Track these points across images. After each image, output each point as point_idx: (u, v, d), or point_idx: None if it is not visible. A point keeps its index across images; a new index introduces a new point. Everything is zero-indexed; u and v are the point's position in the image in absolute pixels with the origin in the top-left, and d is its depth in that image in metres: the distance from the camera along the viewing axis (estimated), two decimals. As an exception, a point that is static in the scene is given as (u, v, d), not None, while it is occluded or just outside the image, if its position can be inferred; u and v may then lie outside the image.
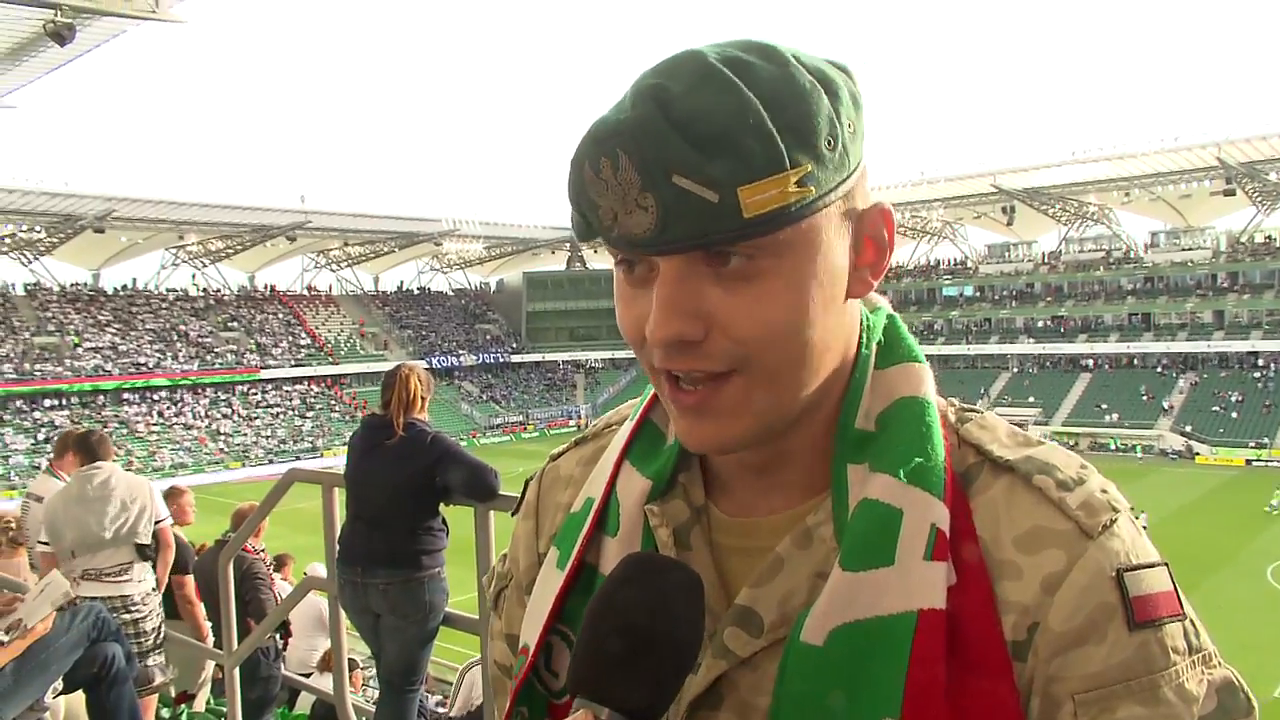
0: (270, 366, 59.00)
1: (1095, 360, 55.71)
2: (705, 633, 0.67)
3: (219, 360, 57.43)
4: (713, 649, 0.71)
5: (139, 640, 4.24)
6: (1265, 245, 53.81)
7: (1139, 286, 56.72)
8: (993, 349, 59.34)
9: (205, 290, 63.68)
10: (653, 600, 0.63)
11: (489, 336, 73.06)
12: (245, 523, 4.60)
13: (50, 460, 5.46)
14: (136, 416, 51.59)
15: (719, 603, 0.73)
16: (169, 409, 53.36)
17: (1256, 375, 49.12)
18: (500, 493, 3.18)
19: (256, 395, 57.83)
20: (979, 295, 63.33)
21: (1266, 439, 43.68)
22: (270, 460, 49.85)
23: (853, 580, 0.65)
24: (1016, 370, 58.28)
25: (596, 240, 0.66)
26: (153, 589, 4.46)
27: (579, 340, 71.76)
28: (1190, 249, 55.92)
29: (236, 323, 61.49)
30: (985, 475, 0.70)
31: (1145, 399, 50.52)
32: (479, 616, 3.16)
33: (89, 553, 4.24)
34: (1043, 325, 58.78)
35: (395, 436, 3.46)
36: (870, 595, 0.65)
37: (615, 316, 0.69)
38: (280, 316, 64.42)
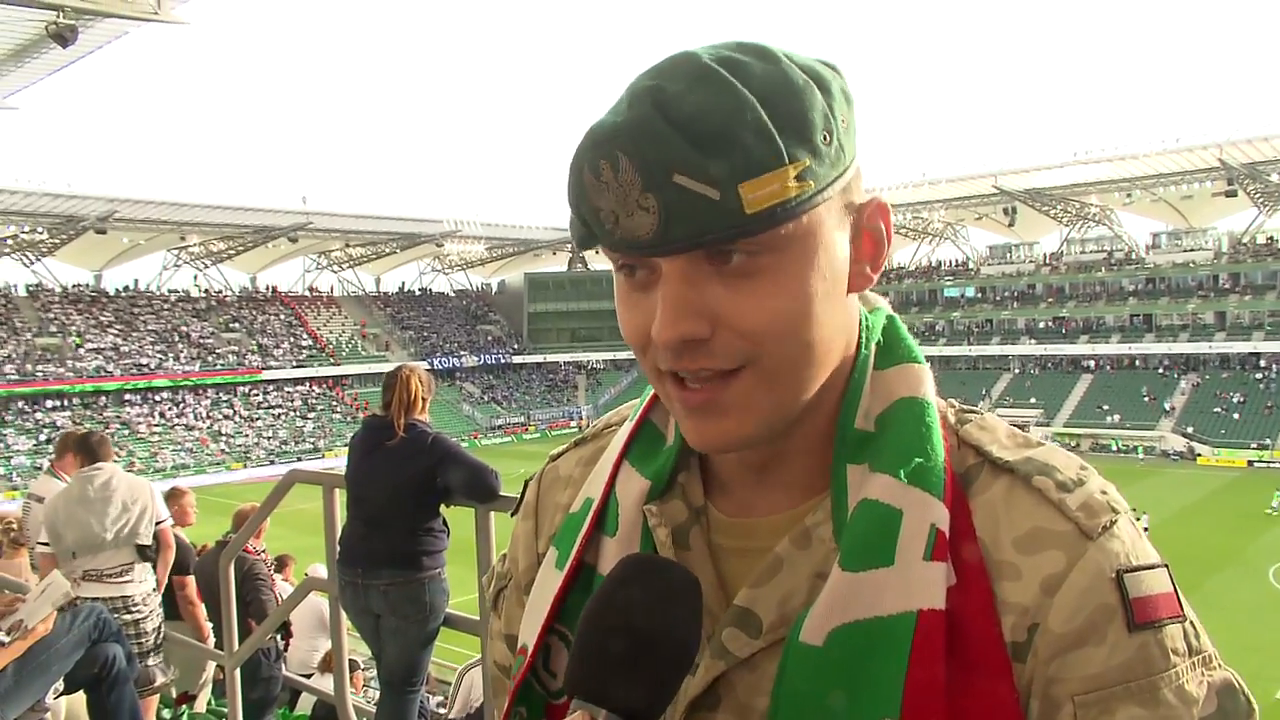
0: (272, 367, 59.05)
1: (1097, 361, 55.66)
2: (703, 633, 0.67)
3: (220, 361, 57.47)
4: (711, 650, 0.70)
5: (139, 641, 4.24)
6: (1267, 246, 53.76)
7: (1141, 287, 56.66)
8: (994, 350, 59.28)
9: (207, 291, 63.74)
10: (650, 601, 0.63)
11: (490, 337, 73.09)
12: (246, 523, 4.60)
13: (51, 461, 5.46)
14: (138, 417, 51.63)
15: (718, 603, 0.72)
16: (171, 410, 53.40)
17: (1258, 376, 49.05)
18: (501, 494, 3.18)
19: (258, 396, 57.85)
20: (980, 296, 63.28)
21: (1268, 440, 43.60)
22: (272, 461, 49.85)
23: (852, 580, 0.65)
24: (1018, 371, 58.19)
25: (596, 248, 0.67)
26: (153, 589, 4.47)
27: (580, 341, 71.77)
28: (1192, 250, 55.85)
29: (238, 324, 61.52)
30: (985, 476, 0.70)
31: (1147, 400, 50.46)
32: (480, 617, 3.15)
33: (90, 554, 4.24)
34: (1044, 326, 58.72)
35: (396, 437, 3.46)
36: (870, 595, 0.65)
37: (617, 318, 0.70)
38: (282, 317, 64.46)
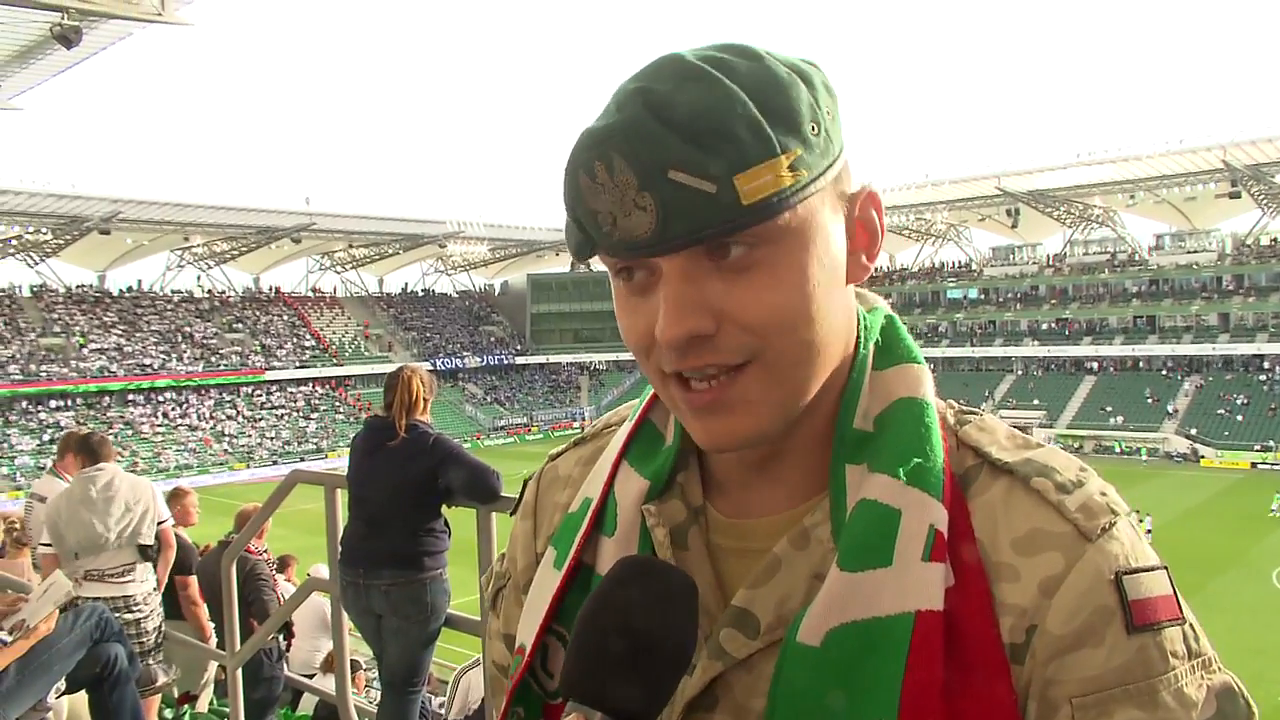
0: (275, 368, 59.10)
1: (1100, 363, 55.61)
2: (701, 634, 0.66)
3: (224, 362, 57.53)
4: (708, 650, 0.70)
5: (140, 640, 4.25)
6: (1270, 248, 53.69)
7: (1144, 289, 56.59)
8: (997, 351, 59.21)
9: (210, 292, 63.80)
10: (648, 601, 0.63)
11: (493, 338, 73.11)
12: (248, 524, 4.60)
13: (54, 461, 5.47)
14: (141, 418, 51.70)
15: (715, 604, 0.72)
16: (174, 410, 53.46)
17: (1262, 378, 48.98)
18: (502, 494, 3.18)
19: (261, 397, 57.90)
20: (983, 298, 63.24)
21: (1272, 442, 43.53)
22: (274, 462, 49.88)
23: (850, 581, 0.65)
24: (1021, 373, 58.13)
25: (593, 256, 0.67)
26: (154, 589, 4.47)
27: (583, 342, 71.75)
28: (1195, 251, 55.77)
29: (241, 324, 61.59)
30: (984, 477, 0.69)
31: (1150, 402, 50.38)
32: (481, 618, 3.16)
33: (92, 554, 4.24)
34: (1047, 328, 58.64)
35: (397, 438, 3.47)
36: (868, 596, 0.64)
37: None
38: (285, 318, 64.52)
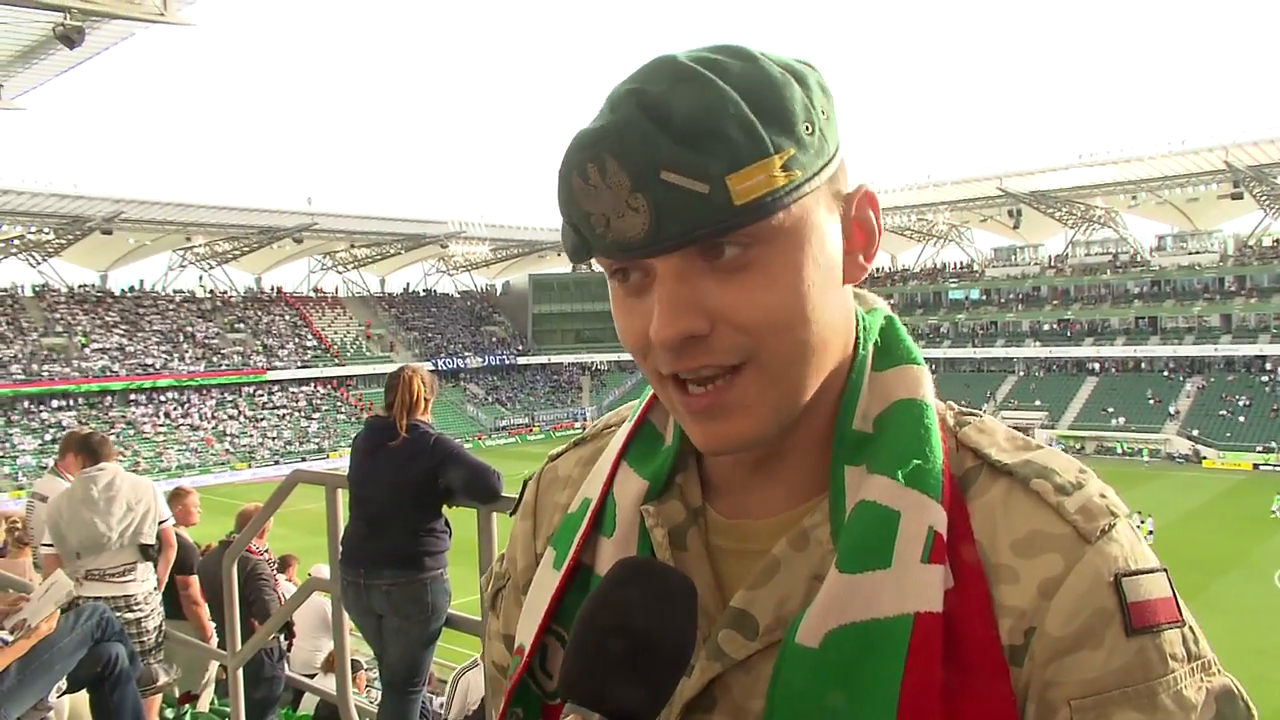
0: (277, 368, 59.12)
1: (1102, 364, 55.56)
2: (699, 635, 0.66)
3: (225, 361, 57.57)
4: (707, 651, 0.70)
5: (141, 639, 4.25)
6: (1273, 249, 53.66)
7: (1146, 290, 56.56)
8: (999, 352, 59.10)
9: (212, 292, 63.85)
10: (648, 602, 0.62)
11: (495, 338, 73.13)
12: (249, 523, 4.60)
13: (55, 461, 5.47)
14: (143, 417, 51.74)
15: (714, 605, 0.72)
16: (176, 410, 53.50)
17: (1264, 379, 48.93)
18: (503, 494, 3.18)
19: (263, 396, 57.94)
20: (985, 298, 63.19)
21: (1274, 443, 43.49)
22: (276, 461, 49.90)
23: (849, 582, 0.65)
24: (1023, 373, 58.04)
25: (589, 259, 0.67)
26: (154, 588, 4.48)
27: (585, 342, 71.74)
28: (1197, 253, 55.74)
29: (243, 324, 61.63)
30: (983, 479, 0.69)
31: (1152, 403, 50.33)
32: (481, 618, 3.16)
33: (94, 554, 4.25)
34: (1049, 329, 58.60)
35: (398, 438, 3.47)
36: (867, 597, 0.64)
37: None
38: (287, 318, 64.57)
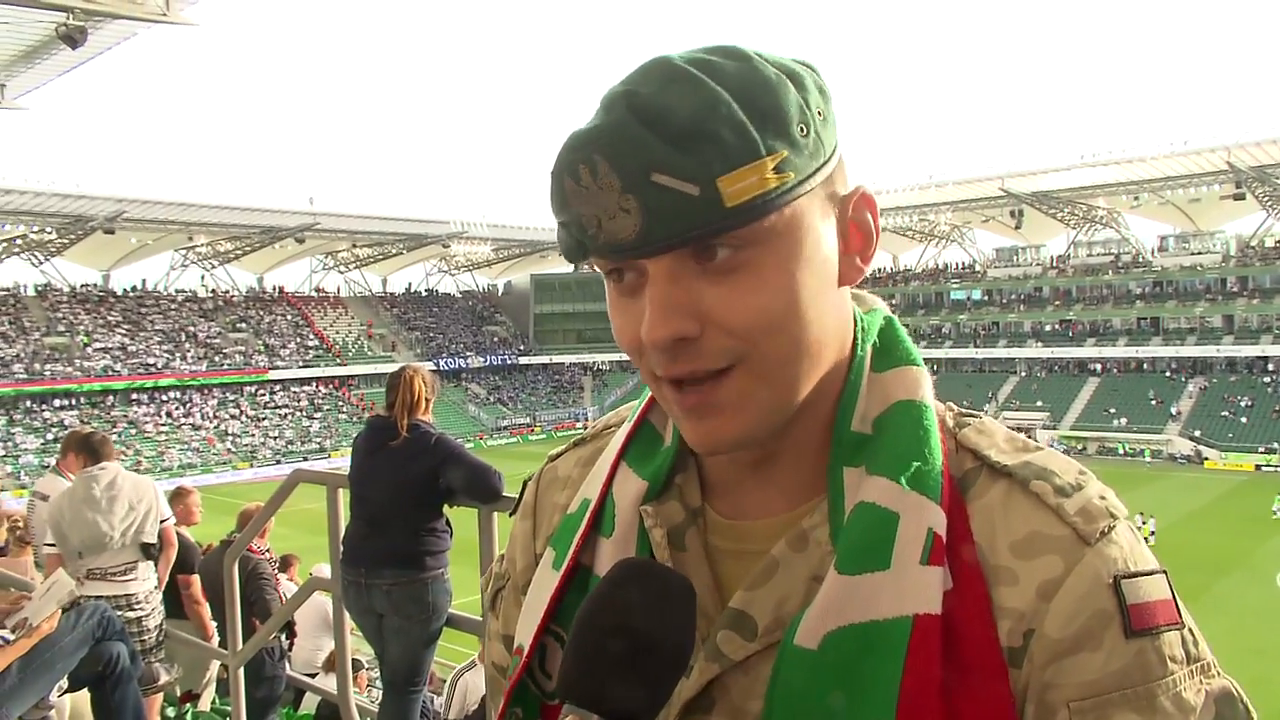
0: (278, 367, 59.19)
1: (1103, 364, 55.50)
2: (698, 635, 0.66)
3: (227, 361, 57.62)
4: (706, 652, 0.70)
5: (141, 638, 4.25)
6: (1275, 250, 53.59)
7: (1148, 291, 56.48)
8: (1001, 353, 59.02)
9: (214, 291, 63.91)
10: (648, 602, 0.62)
11: (496, 338, 73.16)
12: (251, 523, 4.60)
13: (57, 460, 5.48)
14: (145, 417, 51.80)
15: (713, 605, 0.72)
16: (177, 409, 53.56)
17: (1266, 380, 48.88)
18: (504, 494, 3.18)
19: (264, 396, 58.00)
20: (987, 299, 63.10)
21: (1276, 444, 43.43)
22: (278, 461, 49.95)
23: (848, 584, 0.65)
24: (1024, 374, 58.01)
25: (585, 259, 0.67)
26: (155, 587, 4.48)
27: (586, 342, 71.73)
28: (1199, 253, 55.66)
29: (245, 324, 61.68)
30: (983, 480, 0.69)
31: (1154, 403, 50.29)
32: (482, 618, 3.16)
33: (96, 553, 4.25)
34: (1051, 329, 58.54)
35: (399, 438, 3.47)
36: (865, 599, 0.64)
37: None
38: (288, 318, 64.61)
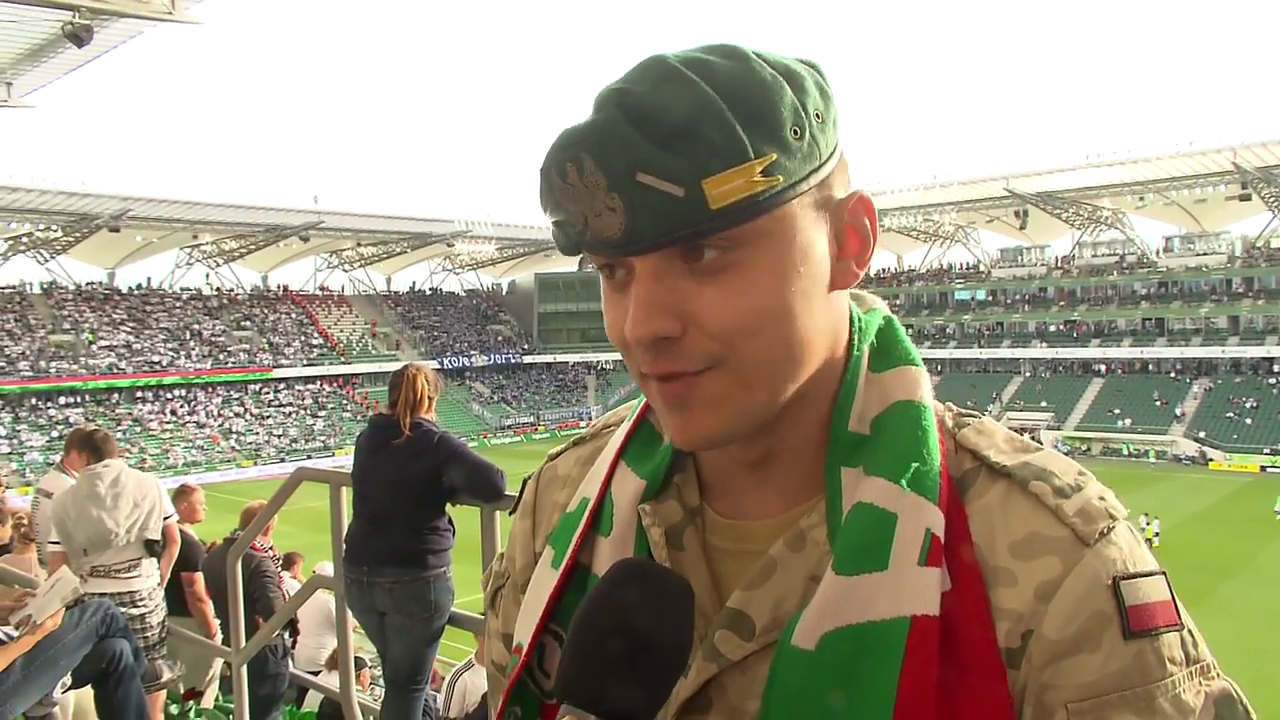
0: (283, 366, 59.30)
1: (1108, 365, 55.36)
2: (696, 635, 0.67)
3: (232, 359, 57.72)
4: (703, 652, 0.70)
5: (144, 635, 4.27)
6: (1281, 250, 53.49)
7: (1153, 291, 56.31)
8: (1005, 353, 58.89)
9: (219, 290, 64.02)
10: (647, 601, 0.62)
11: (500, 337, 73.22)
12: (254, 521, 4.61)
13: (61, 458, 5.50)
14: (150, 414, 51.91)
15: (711, 605, 0.72)
16: (182, 407, 53.66)
17: (1271, 381, 48.71)
18: (506, 493, 3.19)
19: (269, 394, 58.09)
20: (991, 299, 62.94)
21: (1281, 446, 43.37)
22: (282, 459, 50.00)
23: (846, 584, 0.65)
24: (1029, 375, 57.89)
25: (579, 254, 0.67)
26: (158, 584, 4.49)
27: (590, 341, 71.75)
28: (1205, 254, 55.51)
29: (249, 322, 61.80)
30: (982, 481, 0.69)
31: (1158, 404, 50.18)
32: (484, 617, 3.15)
33: (100, 550, 4.27)
34: (1055, 330, 58.42)
35: (402, 436, 3.47)
36: (863, 600, 0.64)
37: None
38: (293, 316, 64.70)
